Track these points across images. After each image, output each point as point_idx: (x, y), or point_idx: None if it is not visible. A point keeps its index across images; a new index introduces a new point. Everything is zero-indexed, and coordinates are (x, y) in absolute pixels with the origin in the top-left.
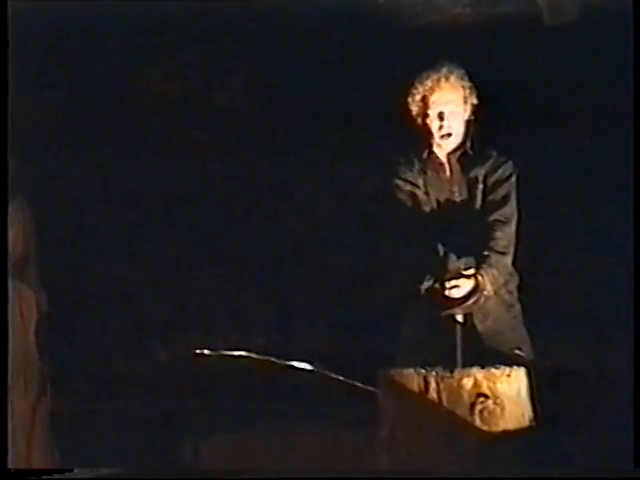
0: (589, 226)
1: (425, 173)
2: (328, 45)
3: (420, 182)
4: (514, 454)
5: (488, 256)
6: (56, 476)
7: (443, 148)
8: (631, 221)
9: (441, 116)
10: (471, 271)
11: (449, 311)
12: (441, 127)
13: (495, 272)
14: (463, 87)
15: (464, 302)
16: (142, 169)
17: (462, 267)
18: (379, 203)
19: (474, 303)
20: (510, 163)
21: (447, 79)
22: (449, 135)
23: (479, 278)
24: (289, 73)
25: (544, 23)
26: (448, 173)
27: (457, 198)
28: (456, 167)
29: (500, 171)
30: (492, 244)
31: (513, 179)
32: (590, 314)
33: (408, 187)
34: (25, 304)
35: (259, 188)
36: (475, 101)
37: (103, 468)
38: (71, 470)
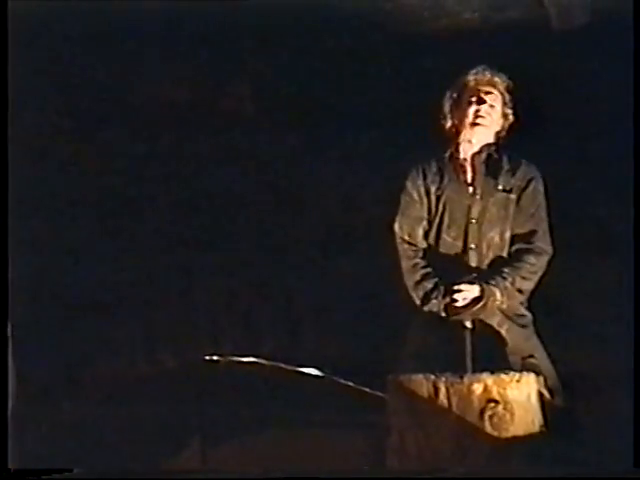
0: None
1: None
2: (335, 51)
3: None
4: (521, 456)
5: (503, 272)
6: (56, 476)
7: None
8: (631, 223)
9: (480, 101)
10: (475, 280)
11: (457, 317)
12: (477, 111)
13: (508, 285)
14: (504, 92)
15: (470, 308)
16: (148, 173)
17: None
18: (390, 208)
19: (481, 308)
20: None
21: (492, 78)
22: (483, 120)
23: (484, 285)
24: (295, 79)
25: (552, 28)
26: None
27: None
28: (480, 172)
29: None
30: (518, 265)
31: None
32: (591, 316)
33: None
34: None
35: (269, 193)
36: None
37: (104, 470)
38: (71, 470)
